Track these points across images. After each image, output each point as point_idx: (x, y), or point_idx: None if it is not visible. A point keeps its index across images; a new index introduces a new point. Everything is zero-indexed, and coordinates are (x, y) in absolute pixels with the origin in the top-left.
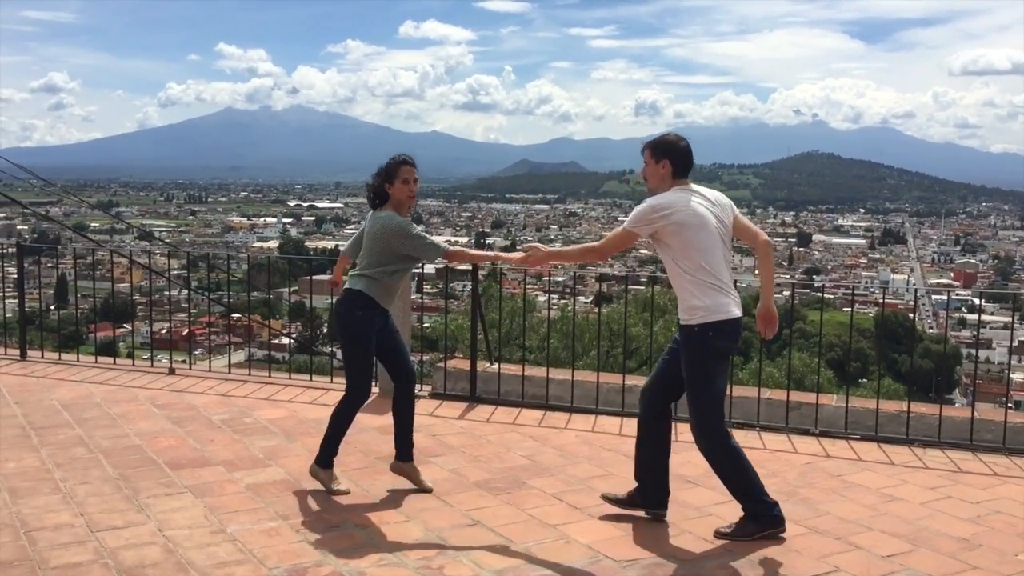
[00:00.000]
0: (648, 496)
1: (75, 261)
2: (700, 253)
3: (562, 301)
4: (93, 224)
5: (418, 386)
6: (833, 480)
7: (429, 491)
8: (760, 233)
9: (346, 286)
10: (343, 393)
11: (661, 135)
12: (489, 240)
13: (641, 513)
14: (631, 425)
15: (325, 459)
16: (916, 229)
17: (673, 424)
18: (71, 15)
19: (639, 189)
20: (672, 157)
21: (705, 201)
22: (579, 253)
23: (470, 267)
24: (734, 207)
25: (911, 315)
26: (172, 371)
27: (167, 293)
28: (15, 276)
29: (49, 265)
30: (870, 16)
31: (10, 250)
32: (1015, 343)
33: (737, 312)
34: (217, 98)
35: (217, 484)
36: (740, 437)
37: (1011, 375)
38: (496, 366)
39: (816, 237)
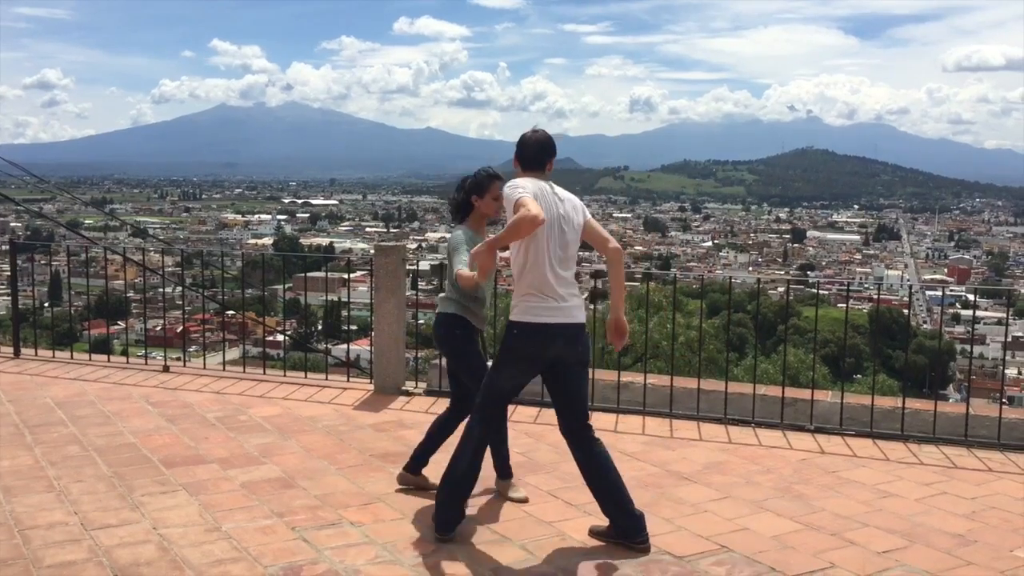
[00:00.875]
0: (617, 526)
1: (69, 258)
2: (535, 250)
3: None
4: (87, 221)
5: (412, 383)
6: (828, 476)
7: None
8: (610, 239)
9: (438, 309)
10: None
11: None
12: None
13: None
14: (626, 422)
15: (504, 470)
16: (910, 225)
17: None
18: (65, 12)
19: (633, 185)
20: (518, 150)
21: (556, 200)
22: (511, 229)
23: None
24: (586, 211)
25: (905, 311)
26: (166, 369)
27: (161, 290)
28: (8, 274)
29: (43, 263)
30: (864, 12)
31: (3, 247)
32: (1009, 339)
33: (551, 319)
34: (211, 95)
35: (212, 482)
36: (735, 433)
37: (1005, 371)
38: (491, 363)
39: (810, 233)
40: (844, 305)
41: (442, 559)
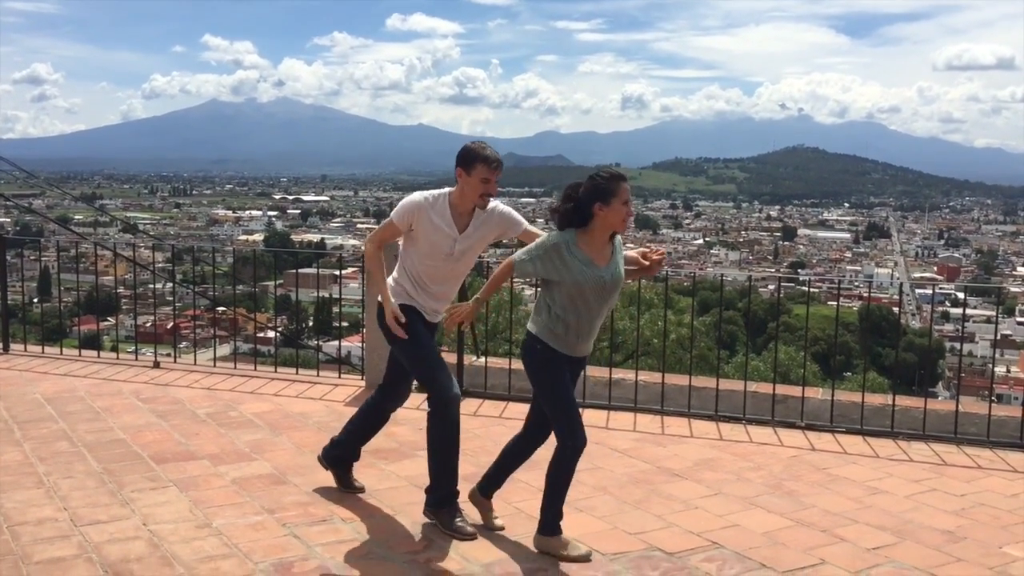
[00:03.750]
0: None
1: (58, 254)
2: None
3: None
4: (77, 217)
5: None
6: (819, 473)
7: (500, 529)
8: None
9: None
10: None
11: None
12: None
13: (621, 507)
14: (617, 419)
15: (553, 524)
16: (900, 223)
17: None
18: (55, 6)
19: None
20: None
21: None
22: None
23: None
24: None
25: (895, 309)
26: (157, 364)
27: (151, 286)
28: None
29: (32, 258)
30: (855, 11)
31: None
32: (998, 337)
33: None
34: (202, 90)
35: (202, 478)
36: (726, 430)
37: (994, 368)
38: (483, 360)
39: (801, 231)
40: (834, 303)
41: (433, 555)
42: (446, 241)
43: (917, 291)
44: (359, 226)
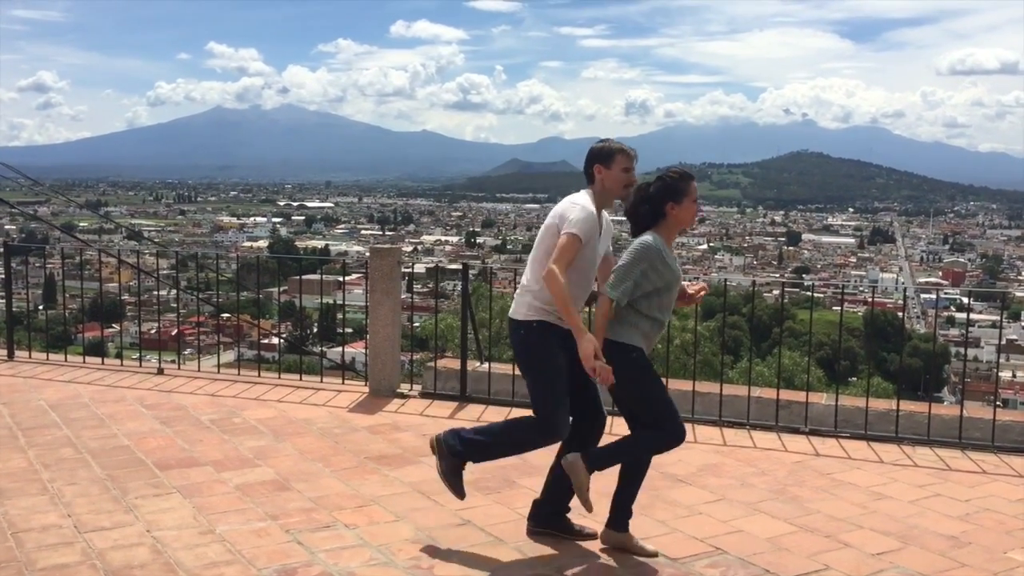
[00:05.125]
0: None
1: (63, 261)
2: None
3: None
4: (82, 224)
5: (407, 385)
6: (823, 478)
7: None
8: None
9: (615, 336)
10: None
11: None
12: (479, 240)
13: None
14: (621, 424)
15: (624, 522)
16: (905, 228)
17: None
18: (60, 14)
19: None
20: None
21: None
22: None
23: (460, 266)
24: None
25: (900, 314)
26: (161, 371)
27: (156, 293)
28: (2, 276)
29: (37, 265)
30: (859, 16)
31: None
32: (1003, 341)
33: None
34: (207, 97)
35: (206, 484)
36: (730, 436)
37: (999, 373)
38: (486, 365)
39: (805, 236)
40: (839, 308)
41: (436, 561)
42: (597, 241)
43: (922, 296)
44: (363, 232)
